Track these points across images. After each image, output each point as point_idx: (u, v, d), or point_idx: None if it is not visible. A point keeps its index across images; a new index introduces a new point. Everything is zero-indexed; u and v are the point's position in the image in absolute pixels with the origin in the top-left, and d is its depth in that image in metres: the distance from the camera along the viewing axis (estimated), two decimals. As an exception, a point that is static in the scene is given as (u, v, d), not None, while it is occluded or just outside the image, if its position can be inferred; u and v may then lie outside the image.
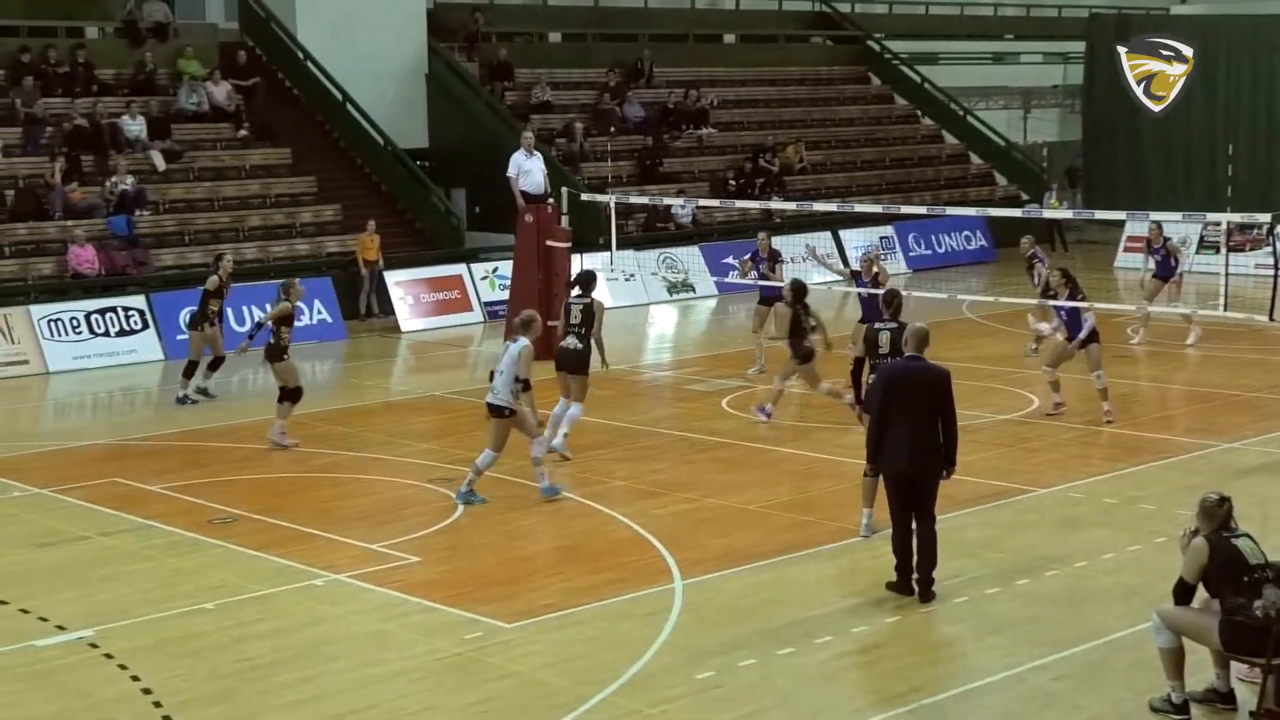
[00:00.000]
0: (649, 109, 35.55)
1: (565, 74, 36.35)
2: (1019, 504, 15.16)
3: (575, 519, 15.00)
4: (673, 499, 15.51)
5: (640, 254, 30.47)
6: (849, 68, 41.71)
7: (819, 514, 14.56)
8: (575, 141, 33.15)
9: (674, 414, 20.28)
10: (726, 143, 36.26)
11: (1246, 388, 20.42)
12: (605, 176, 32.82)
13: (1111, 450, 17.35)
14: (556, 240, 23.76)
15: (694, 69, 38.28)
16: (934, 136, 40.61)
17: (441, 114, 33.86)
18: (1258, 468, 16.38)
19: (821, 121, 39.10)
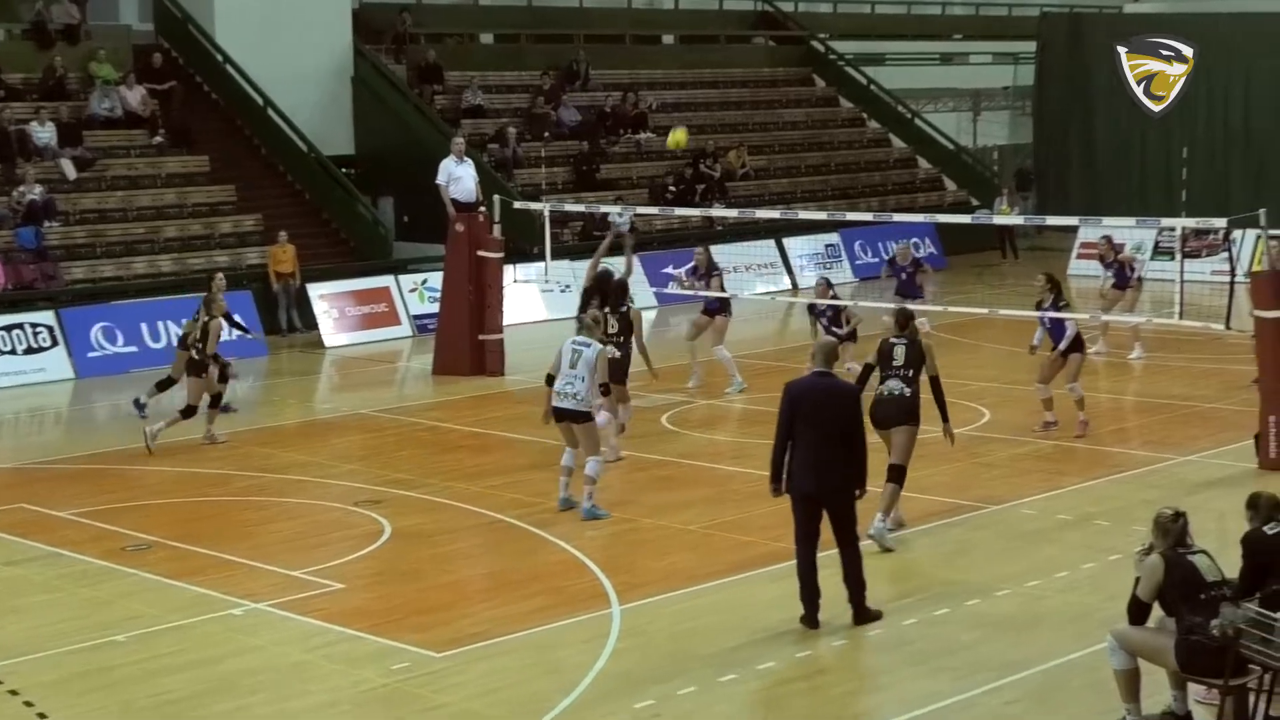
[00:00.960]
0: (585, 113, 35.55)
1: (497, 76, 36.31)
2: (970, 521, 15.22)
3: (507, 542, 14.95)
4: (610, 521, 15.46)
5: (576, 264, 30.30)
6: (793, 69, 41.86)
7: (761, 534, 14.56)
8: (508, 147, 33.10)
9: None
10: (666, 148, 36.23)
11: (1203, 398, 20.59)
12: (539, 183, 32.79)
13: (1066, 464, 17.45)
14: (488, 250, 23.72)
15: (632, 71, 38.32)
16: (881, 140, 40.79)
17: (368, 119, 33.75)
18: (1215, 481, 16.51)
19: (764, 125, 39.20)
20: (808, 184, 37.50)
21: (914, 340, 14.74)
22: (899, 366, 14.58)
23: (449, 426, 20.20)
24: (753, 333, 26.11)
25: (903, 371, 14.55)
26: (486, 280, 23.74)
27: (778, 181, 37.15)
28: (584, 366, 15.45)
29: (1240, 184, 35.55)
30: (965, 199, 39.21)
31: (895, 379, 14.55)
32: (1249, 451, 17.05)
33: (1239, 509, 10.45)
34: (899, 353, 14.63)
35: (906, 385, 14.54)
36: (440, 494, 16.65)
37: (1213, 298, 19.93)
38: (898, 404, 14.50)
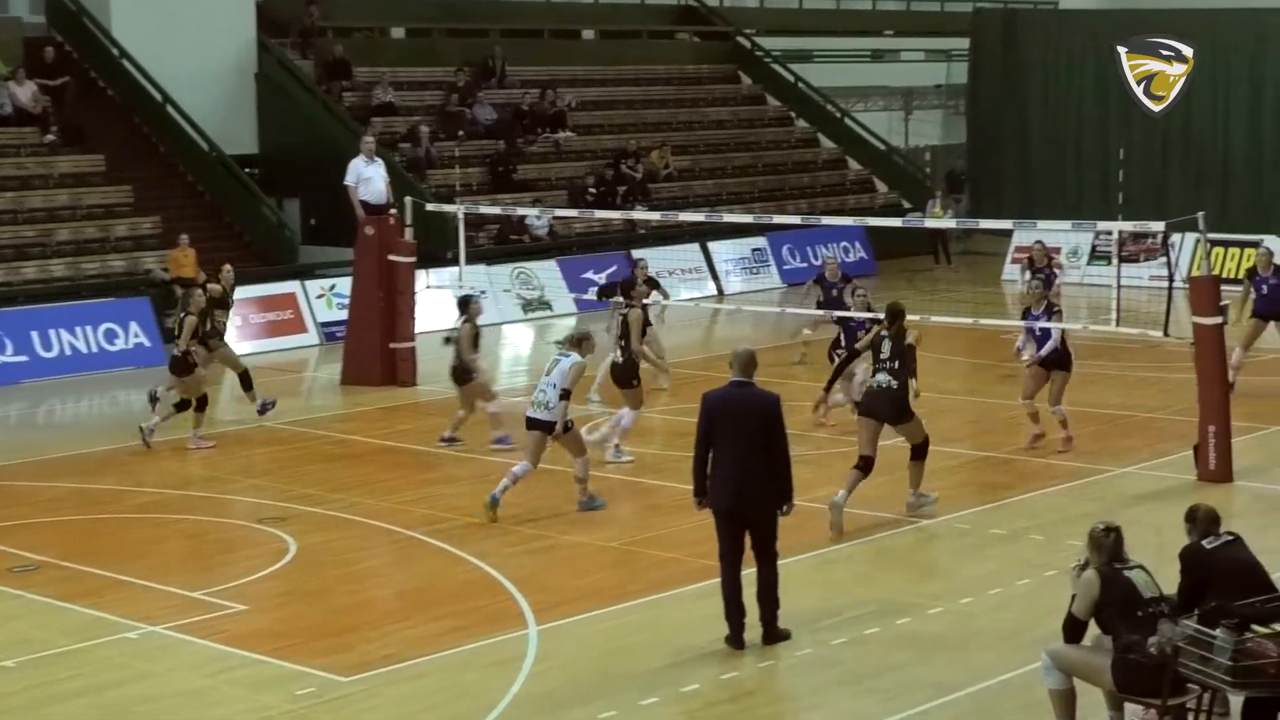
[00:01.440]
0: (501, 111, 35.48)
1: (409, 73, 36.18)
2: (901, 536, 15.29)
3: (420, 560, 14.90)
4: (526, 536, 15.46)
5: (492, 269, 30.38)
6: (718, 66, 41.96)
7: (685, 551, 14.56)
8: (420, 146, 32.99)
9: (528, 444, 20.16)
10: (586, 147, 36.28)
11: (1141, 408, 20.79)
12: (453, 184, 32.70)
13: (1000, 477, 17.57)
14: (400, 254, 23.63)
15: (550, 68, 38.28)
16: (809, 140, 40.96)
17: (273, 117, 33.55)
18: (1153, 493, 16.68)
19: (688, 124, 39.27)
20: (734, 185, 37.60)
21: (900, 333, 15.71)
22: (886, 359, 15.59)
23: (358, 439, 20.11)
24: (678, 340, 26.09)
25: (890, 363, 15.56)
26: (398, 286, 23.64)
27: (702, 183, 37.22)
28: (558, 375, 15.94)
29: (1179, 186, 35.92)
30: (897, 201, 39.43)
31: (884, 372, 15.61)
32: (1188, 463, 17.23)
33: (1178, 522, 10.56)
34: (886, 346, 15.64)
35: (892, 377, 15.55)
36: (349, 510, 16.57)
37: (1151, 304, 20.12)
38: (888, 397, 15.55)
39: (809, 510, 14.92)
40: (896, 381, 15.53)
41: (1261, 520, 15.35)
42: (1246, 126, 35.51)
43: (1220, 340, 17.14)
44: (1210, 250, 18.63)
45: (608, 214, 30.09)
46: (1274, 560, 11.00)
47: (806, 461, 17.19)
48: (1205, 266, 17.76)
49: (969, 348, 25.74)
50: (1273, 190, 35.19)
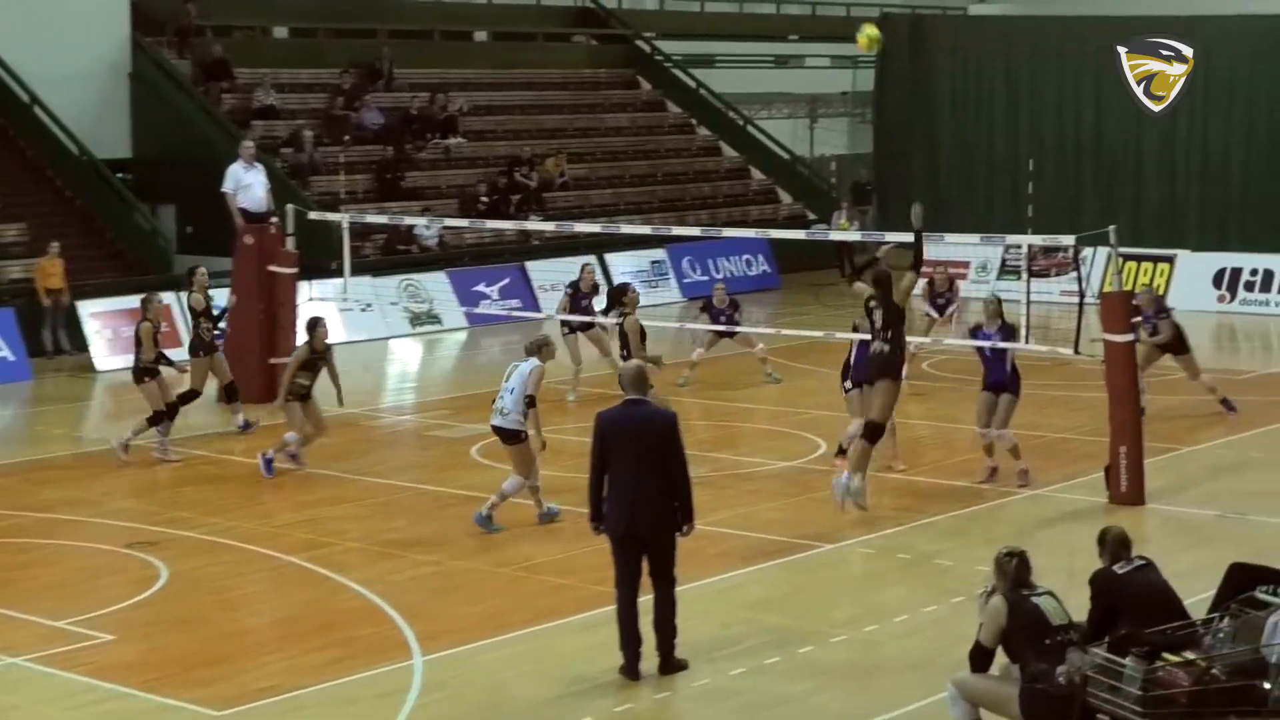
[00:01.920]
0: (389, 115, 35.35)
1: (292, 74, 35.98)
2: (803, 561, 15.33)
3: (299, 586, 14.78)
4: (413, 562, 15.38)
5: (378, 280, 30.24)
6: (616, 70, 42.03)
7: (580, 577, 14.54)
8: (303, 152, 32.80)
9: (416, 464, 20.15)
10: (478, 154, 36.20)
11: (1051, 428, 20.97)
12: (338, 192, 32.53)
13: (906, 499, 17.65)
14: (281, 265, 23.47)
15: (440, 70, 38.18)
16: (711, 148, 41.10)
17: (147, 119, 33.25)
18: (1064, 516, 16.82)
19: (585, 131, 39.30)
20: (632, 195, 37.65)
21: (886, 298, 16.20)
22: (879, 329, 16.20)
23: (235, 460, 19.93)
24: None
25: (883, 333, 16.14)
26: (278, 298, 23.46)
27: (599, 192, 37.24)
28: (517, 380, 16.14)
29: (1091, 199, 36.32)
30: (801, 213, 39.62)
31: (878, 340, 16.25)
32: (1099, 485, 17.39)
33: (1089, 546, 10.65)
34: (877, 316, 16.25)
35: (885, 344, 16.16)
36: (224, 534, 16.41)
37: (1061, 320, 20.31)
38: (879, 361, 16.18)
39: (709, 534, 14.94)
40: (888, 347, 16.14)
41: (1174, 543, 15.53)
42: (1158, 139, 35.94)
43: (1132, 358, 17.34)
44: (1122, 265, 18.84)
45: (500, 224, 30.04)
46: (1187, 585, 11.11)
47: (706, 484, 17.22)
48: (1117, 282, 17.97)
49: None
50: (1185, 204, 35.68)
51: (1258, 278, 32.28)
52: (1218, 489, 17.94)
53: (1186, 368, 21.63)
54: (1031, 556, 10.29)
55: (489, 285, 31.78)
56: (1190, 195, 35.67)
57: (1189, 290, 32.15)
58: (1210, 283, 32.49)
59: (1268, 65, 34.65)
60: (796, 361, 25.84)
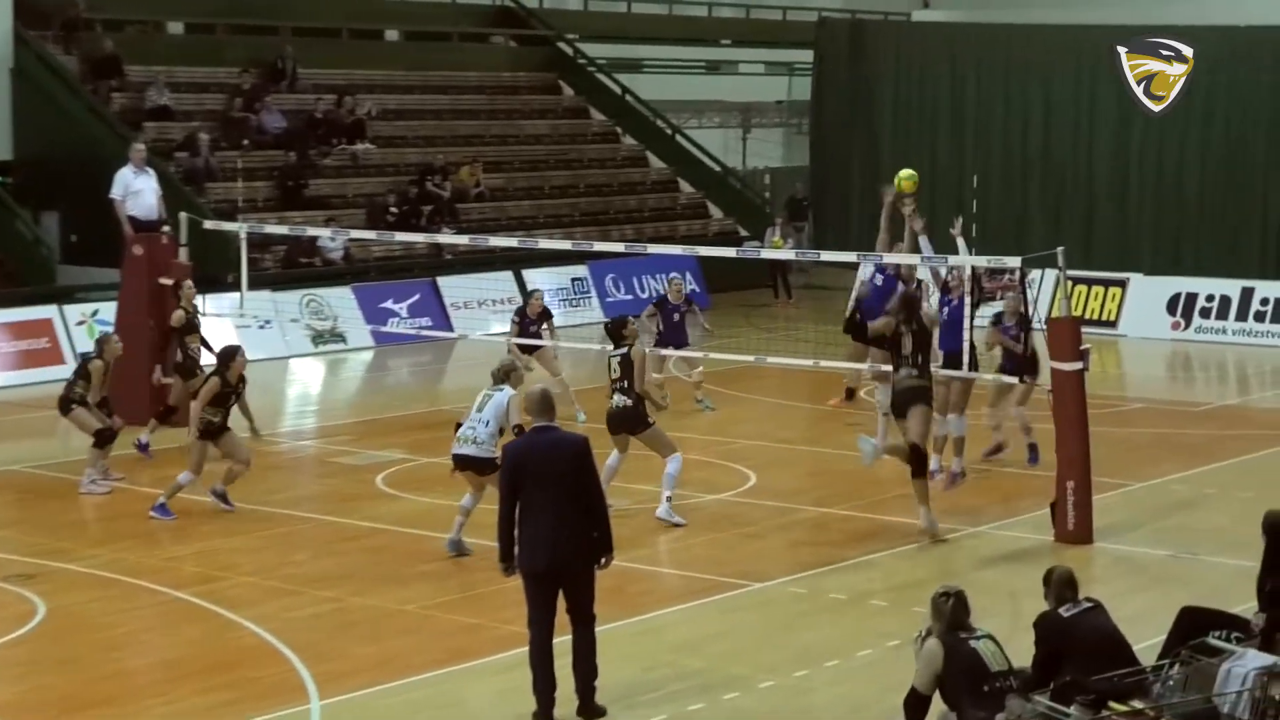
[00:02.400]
0: (291, 118, 35.26)
1: (188, 73, 35.83)
2: (731, 601, 15.35)
3: (189, 623, 14.69)
4: (312, 598, 15.31)
5: (279, 295, 30.12)
6: (536, 74, 42.07)
7: (490, 616, 14.50)
8: (199, 156, 32.67)
9: (317, 493, 20.06)
10: (387, 161, 36.16)
11: (993, 462, 21.06)
12: (236, 200, 32.42)
13: (841, 536, 17.70)
14: (173, 278, 23.33)
15: (348, 71, 38.13)
16: (637, 159, 41.19)
17: (30, 118, 33.04)
18: (1006, 555, 16.90)
19: (503, 138, 39.32)
20: (552, 208, 37.68)
21: (920, 323, 17.10)
22: (907, 355, 17.00)
23: (122, 487, 19.78)
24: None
25: (913, 359, 17.00)
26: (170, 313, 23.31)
27: (517, 204, 37.26)
28: (492, 410, 16.24)
29: (1039, 219, 36.61)
30: (733, 228, 39.76)
31: (906, 366, 17.02)
32: (1045, 522, 17.48)
33: (1034, 587, 10.72)
34: (907, 343, 17.03)
35: (914, 368, 17.02)
36: (108, 567, 16.29)
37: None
38: (913, 389, 16.94)
39: (630, 571, 14.95)
40: (917, 372, 17.01)
41: (1124, 585, 15.63)
42: (1111, 157, 36.25)
43: (1081, 388, 17.44)
44: (1071, 289, 18.98)
45: (410, 237, 29.92)
46: (1137, 629, 11.21)
47: (629, 517, 17.27)
48: (1065, 307, 18.05)
49: (810, 392, 25.97)
50: (1138, 225, 35.95)
51: (1214, 304, 32.40)
52: (1170, 527, 18.07)
53: (1019, 394, 20.64)
54: (971, 597, 10.36)
55: (397, 302, 31.72)
56: (1144, 215, 35.97)
57: (1142, 316, 32.47)
58: (1164, 308, 32.67)
59: (1223, 79, 34.98)
60: (727, 388, 25.89)
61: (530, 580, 12.06)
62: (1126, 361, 30.88)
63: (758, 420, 24.17)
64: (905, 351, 17.07)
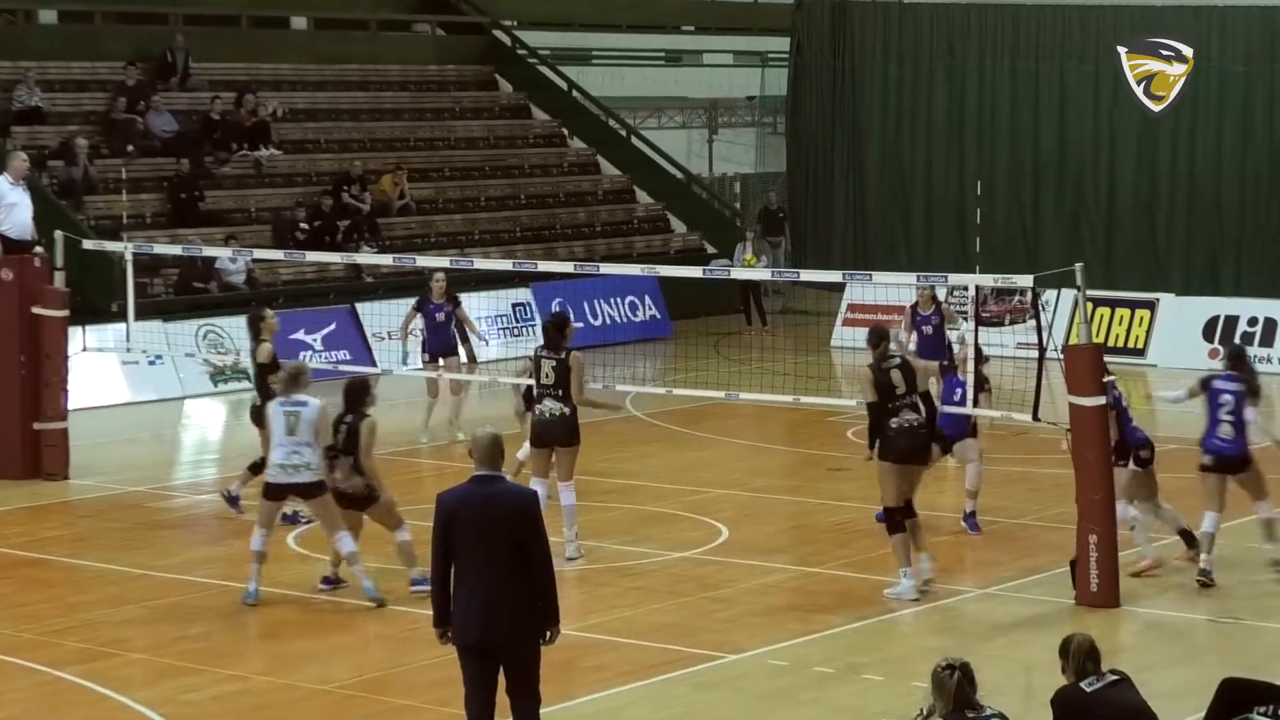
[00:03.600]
0: (184, 120, 35.28)
1: (62, 69, 35.83)
2: (700, 676, 15.38)
3: (70, 708, 14.70)
4: (214, 677, 15.31)
5: (171, 326, 30.10)
6: (469, 68, 42.15)
7: (423, 695, 14.53)
8: (77, 165, 32.65)
9: (217, 556, 20.02)
10: (296, 170, 36.19)
11: (1005, 511, 21.13)
12: (120, 215, 32.41)
13: (827, 599, 17.76)
14: (48, 307, 23.33)
15: (249, 65, 38.15)
16: (587, 164, 41.27)
17: (-121, 123, 33.04)
18: (1020, 622, 16.96)
19: (431, 142, 39.38)
20: (488, 222, 37.74)
21: (905, 361, 17.70)
22: (903, 394, 17.35)
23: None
24: (409, 421, 26.07)
25: (909, 399, 17.39)
26: (45, 348, 23.31)
27: (448, 218, 37.31)
28: (306, 430, 16.74)
29: (1052, 232, 36.70)
30: (698, 244, 39.84)
31: (907, 409, 17.36)
32: (1064, 581, 17.55)
33: (1050, 658, 10.78)
34: (897, 378, 17.38)
35: (913, 411, 17.42)
36: (-22, 643, 16.31)
37: (1016, 379, 20.54)
38: (922, 438, 17.47)
39: (581, 642, 14.99)
40: (920, 417, 17.45)
41: (1155, 655, 15.72)
42: (1136, 158, 36.34)
43: (1104, 426, 17.48)
44: (1092, 312, 19.10)
45: (324, 257, 29.98)
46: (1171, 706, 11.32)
47: (578, 580, 17.33)
48: (1085, 333, 18.16)
49: (788, 433, 26.08)
50: (1169, 238, 36.03)
51: (1257, 328, 32.46)
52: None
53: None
54: (978, 670, 10.42)
55: (310, 333, 31.71)
56: (1175, 227, 36.04)
57: (1174, 343, 32.44)
58: (1200, 333, 32.69)
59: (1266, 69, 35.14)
60: (692, 428, 25.97)
61: (465, 653, 12.04)
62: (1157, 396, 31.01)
63: (729, 465, 24.20)
64: (900, 390, 17.46)
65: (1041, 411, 18.19)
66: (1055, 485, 20.47)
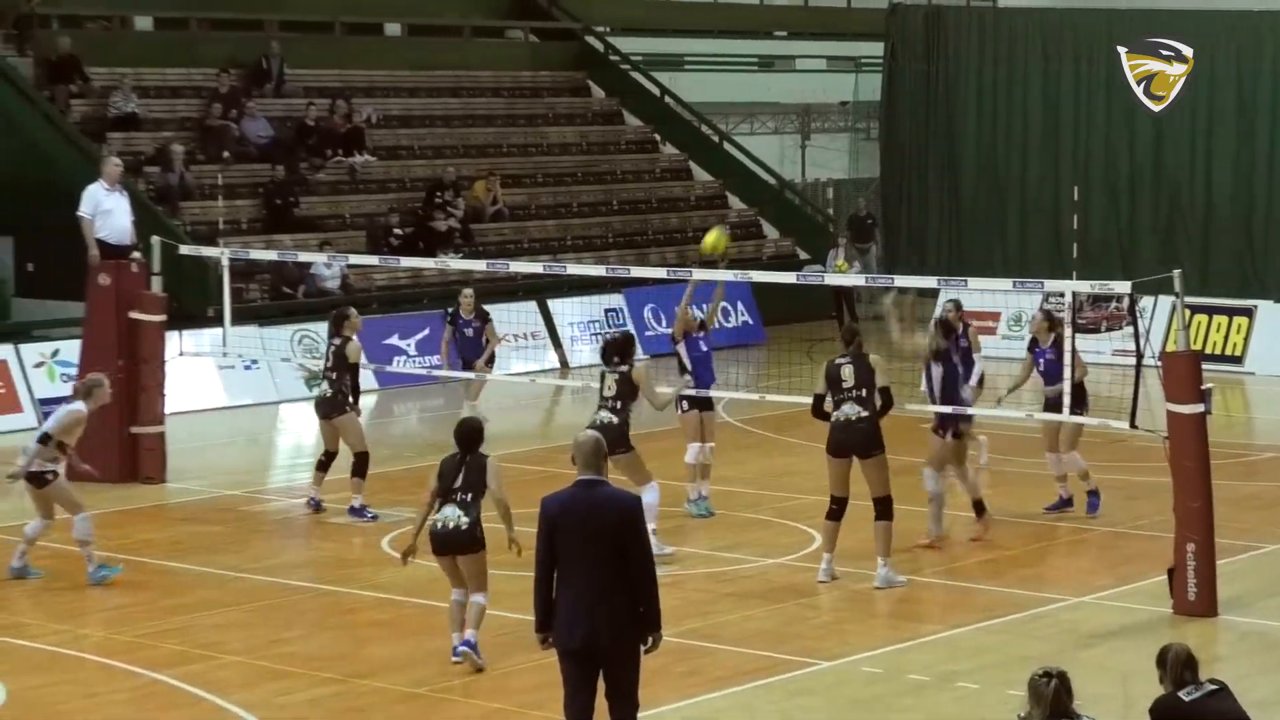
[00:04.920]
0: (279, 126, 35.47)
1: (158, 75, 36.07)
2: (794, 682, 15.38)
3: (166, 710, 14.79)
4: (309, 680, 15.39)
5: (266, 331, 30.25)
6: (561, 73, 42.24)
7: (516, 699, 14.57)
8: (173, 171, 32.88)
9: (312, 559, 20.15)
10: (390, 176, 36.34)
11: (1102, 521, 21.06)
12: (216, 221, 32.61)
13: (921, 607, 17.75)
14: (145, 312, 23.49)
15: (343, 71, 38.34)
16: (679, 170, 41.29)
17: (-22, 130, 33.32)
18: (1116, 630, 16.90)
19: (523, 148, 39.48)
20: (581, 228, 37.80)
21: (860, 357, 18.07)
22: (851, 387, 17.95)
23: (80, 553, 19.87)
24: (510, 426, 26.16)
25: (856, 393, 17.93)
26: (142, 353, 23.48)
27: (541, 224, 37.39)
28: (51, 422, 18.46)
29: (1149, 238, 36.54)
30: (791, 250, 39.81)
31: (850, 402, 17.98)
32: (1162, 591, 17.47)
33: (1148, 668, 10.73)
34: (848, 373, 17.94)
35: (862, 407, 17.97)
36: (71, 644, 16.41)
37: (1114, 386, 20.45)
38: (860, 431, 18.03)
39: (676, 648, 15.00)
40: (866, 411, 17.97)
41: (1254, 664, 15.63)
42: (1233, 163, 36.13)
43: (1203, 434, 17.39)
44: (1189, 319, 18.99)
45: (418, 262, 30.07)
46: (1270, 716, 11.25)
47: (672, 586, 17.31)
48: (1183, 339, 18.08)
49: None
50: (1267, 244, 35.79)
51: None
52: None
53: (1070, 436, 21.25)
54: (1076, 679, 10.39)
55: (404, 338, 31.85)
56: (1273, 232, 35.82)
57: (1272, 351, 32.25)
58: (1300, 341, 32.58)
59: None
60: (783, 434, 25.95)
61: (567, 658, 12.08)
62: (1254, 404, 30.84)
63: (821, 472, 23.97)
64: (847, 384, 18.11)
65: (1139, 419, 18.13)
66: (1153, 493, 20.35)
